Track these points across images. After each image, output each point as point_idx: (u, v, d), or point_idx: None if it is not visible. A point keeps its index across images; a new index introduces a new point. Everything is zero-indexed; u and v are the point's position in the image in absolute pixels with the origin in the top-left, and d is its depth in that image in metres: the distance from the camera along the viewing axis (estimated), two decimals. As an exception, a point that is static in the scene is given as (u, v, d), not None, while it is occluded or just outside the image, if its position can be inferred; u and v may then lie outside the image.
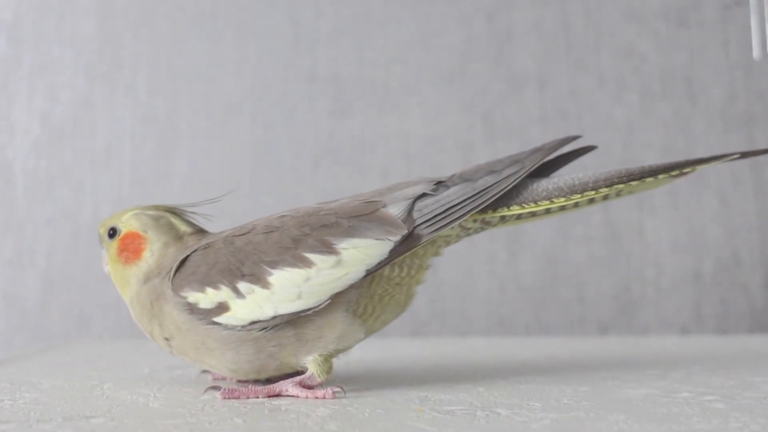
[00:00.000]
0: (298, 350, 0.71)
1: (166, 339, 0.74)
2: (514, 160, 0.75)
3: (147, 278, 0.76)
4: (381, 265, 0.71)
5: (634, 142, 1.36)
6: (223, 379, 0.80)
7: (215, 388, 0.72)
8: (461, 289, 1.35)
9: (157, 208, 0.80)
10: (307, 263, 0.70)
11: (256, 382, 0.77)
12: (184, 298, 0.71)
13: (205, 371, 0.83)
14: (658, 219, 1.34)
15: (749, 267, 1.33)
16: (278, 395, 0.71)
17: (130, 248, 0.78)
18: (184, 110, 1.41)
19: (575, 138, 0.81)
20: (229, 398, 0.70)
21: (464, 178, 0.75)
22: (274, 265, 0.70)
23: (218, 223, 0.83)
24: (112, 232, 0.79)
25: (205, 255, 0.73)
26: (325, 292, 0.70)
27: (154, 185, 1.39)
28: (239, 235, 0.73)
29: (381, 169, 1.38)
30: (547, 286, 1.34)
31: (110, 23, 1.43)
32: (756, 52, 1.29)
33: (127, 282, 0.77)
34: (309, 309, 0.70)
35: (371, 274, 0.71)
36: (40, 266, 1.38)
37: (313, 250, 0.70)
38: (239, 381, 0.79)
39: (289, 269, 0.70)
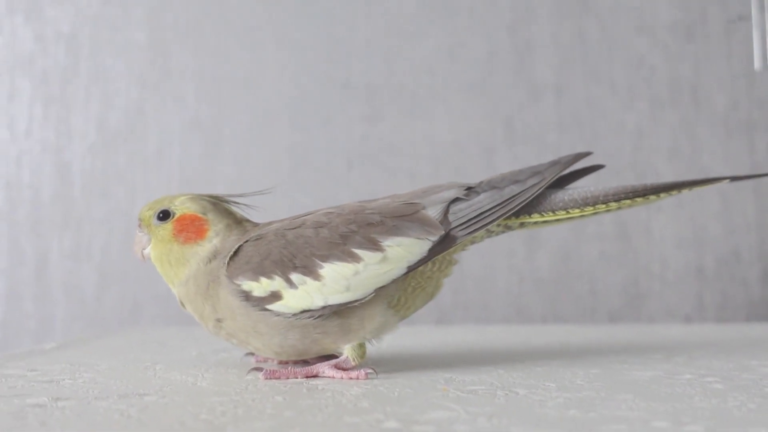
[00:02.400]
0: (340, 338, 0.75)
1: (218, 320, 0.76)
2: (535, 172, 0.80)
3: (210, 259, 0.77)
4: (421, 262, 0.75)
5: (643, 146, 1.41)
6: (265, 361, 0.83)
7: (258, 369, 0.76)
8: (483, 281, 1.40)
9: (209, 196, 0.82)
10: (356, 258, 0.73)
11: (295, 363, 0.80)
12: (239, 285, 0.74)
13: (248, 354, 0.85)
14: (664, 218, 1.38)
15: (748, 262, 1.38)
16: (315, 376, 0.75)
17: (190, 229, 0.79)
18: (228, 116, 1.47)
19: (587, 154, 0.86)
20: (270, 379, 0.74)
21: (492, 185, 0.79)
22: (325, 258, 0.73)
23: (258, 220, 0.87)
24: (163, 215, 0.79)
25: (257, 246, 0.75)
26: (371, 285, 0.74)
27: (200, 185, 1.43)
28: (290, 229, 0.76)
29: (409, 171, 1.43)
30: (562, 279, 1.40)
31: (160, 35, 1.48)
32: (757, 64, 1.30)
33: (185, 262, 0.78)
34: (356, 300, 0.74)
35: (412, 270, 0.75)
36: (96, 260, 1.44)
37: (361, 247, 0.74)
38: (280, 363, 0.82)
39: (339, 263, 0.73)
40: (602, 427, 0.52)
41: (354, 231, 0.75)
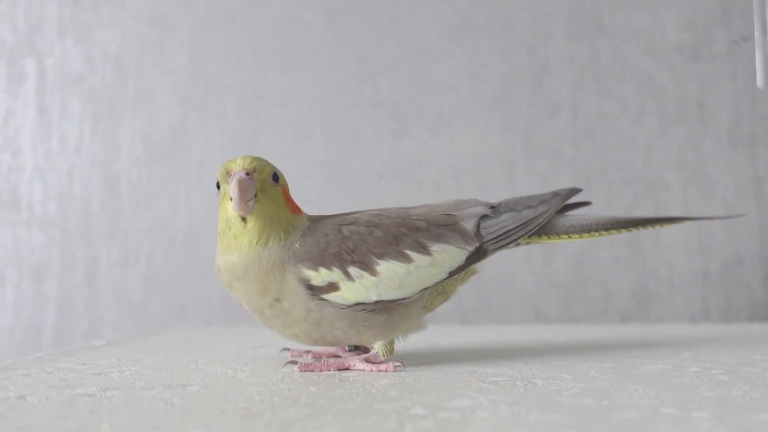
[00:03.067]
0: (381, 332, 0.75)
1: (276, 299, 0.74)
2: (542, 200, 0.84)
3: (297, 238, 0.75)
4: (459, 269, 0.78)
5: (652, 159, 1.41)
6: (300, 355, 0.83)
7: (293, 362, 0.76)
8: (503, 284, 1.40)
9: None
10: (408, 259, 0.74)
11: (329, 357, 0.81)
12: (301, 272, 0.73)
13: (284, 349, 0.86)
14: (672, 226, 1.35)
15: (750, 267, 1.38)
16: (347, 369, 0.75)
17: (292, 201, 0.77)
18: (266, 131, 1.47)
19: (580, 190, 0.89)
20: (304, 371, 0.74)
21: (510, 207, 0.83)
22: (381, 256, 0.74)
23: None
24: (276, 178, 0.76)
25: (317, 238, 0.74)
26: (419, 286, 0.75)
27: None
28: (345, 225, 0.76)
29: (434, 183, 1.43)
30: (576, 283, 1.39)
31: (202, 56, 1.50)
32: (760, 82, 1.32)
33: (293, 230, 0.75)
34: (405, 298, 0.75)
35: (452, 276, 0.78)
36: (142, 266, 1.46)
37: (412, 249, 0.75)
38: (314, 356, 0.82)
39: (394, 262, 0.74)
40: (615, 414, 0.52)
41: (405, 234, 0.76)
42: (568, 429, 0.47)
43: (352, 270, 0.74)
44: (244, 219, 0.73)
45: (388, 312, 0.75)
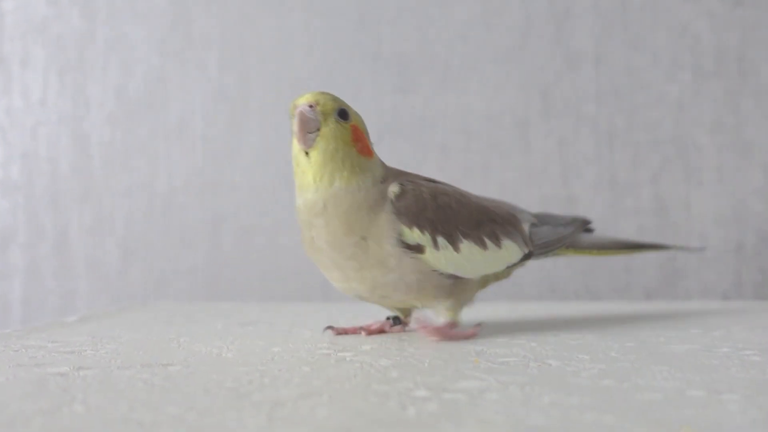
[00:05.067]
0: (443, 297, 0.84)
1: (363, 238, 0.79)
2: (567, 222, 0.99)
3: (380, 180, 0.81)
4: (513, 265, 0.91)
5: (685, 119, 1.41)
6: (346, 332, 0.89)
7: (330, 327, 0.89)
8: None
9: None
10: (484, 245, 0.85)
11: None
12: (398, 223, 0.80)
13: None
14: (704, 193, 1.39)
15: None
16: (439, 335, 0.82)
17: (363, 141, 0.82)
18: (254, 86, 1.48)
19: (590, 222, 1.04)
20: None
21: (544, 221, 0.97)
22: (466, 236, 0.83)
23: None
24: (345, 114, 0.80)
25: (416, 198, 0.81)
26: (484, 271, 0.87)
27: (225, 158, 1.47)
28: (440, 194, 0.84)
29: (441, 144, 1.44)
30: (597, 256, 1.40)
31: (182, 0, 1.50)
32: None
33: (359, 170, 0.80)
34: (471, 277, 0.85)
35: (508, 269, 0.91)
36: (119, 233, 1.47)
37: (489, 238, 0.86)
38: (370, 332, 0.89)
39: (473, 245, 0.84)
40: (637, 396, 0.53)
41: (484, 222, 0.87)
42: (585, 412, 0.48)
43: (440, 240, 0.82)
44: (307, 153, 0.79)
45: (453, 280, 0.84)
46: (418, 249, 0.80)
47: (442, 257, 0.81)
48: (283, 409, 0.49)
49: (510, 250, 0.88)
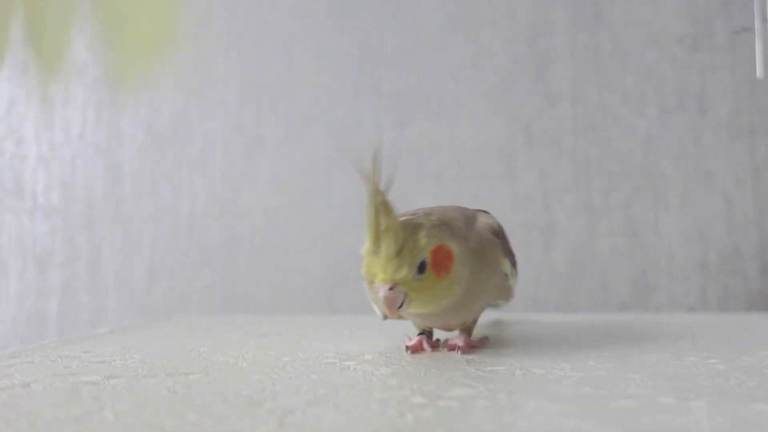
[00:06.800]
0: (471, 316, 0.80)
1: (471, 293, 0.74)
2: None
3: (469, 253, 0.73)
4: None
5: (652, 150, 1.40)
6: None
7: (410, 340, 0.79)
8: None
9: (409, 213, 0.75)
10: (513, 271, 0.83)
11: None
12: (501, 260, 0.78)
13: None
14: (671, 216, 1.38)
15: (748, 257, 1.36)
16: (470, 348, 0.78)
17: (445, 256, 0.70)
18: (268, 121, 1.48)
19: None
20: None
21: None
22: (514, 264, 0.83)
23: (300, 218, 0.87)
24: (421, 267, 0.68)
25: (496, 230, 0.80)
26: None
27: (241, 186, 1.47)
28: (492, 231, 0.80)
29: (435, 173, 1.43)
30: (576, 273, 1.38)
31: (204, 45, 1.50)
32: (759, 72, 1.27)
33: (448, 293, 0.71)
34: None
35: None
36: (145, 254, 1.47)
37: (512, 263, 0.83)
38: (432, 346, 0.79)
39: (513, 270, 0.83)
40: (613, 403, 0.52)
41: (508, 249, 0.83)
42: (567, 418, 0.48)
43: (513, 269, 0.82)
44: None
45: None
46: (504, 278, 0.80)
47: (513, 282, 0.83)
48: (293, 416, 0.49)
49: (515, 278, 0.86)
